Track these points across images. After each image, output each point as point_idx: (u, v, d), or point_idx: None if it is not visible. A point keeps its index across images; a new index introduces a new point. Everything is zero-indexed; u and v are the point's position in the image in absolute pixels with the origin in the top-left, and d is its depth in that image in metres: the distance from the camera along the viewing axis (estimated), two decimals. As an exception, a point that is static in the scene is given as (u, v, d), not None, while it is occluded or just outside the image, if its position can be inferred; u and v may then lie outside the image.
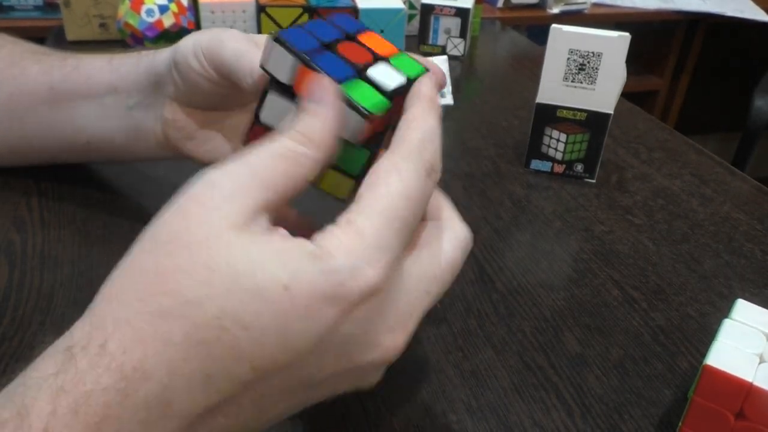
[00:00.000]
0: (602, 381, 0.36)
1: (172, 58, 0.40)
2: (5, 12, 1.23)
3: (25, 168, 0.50)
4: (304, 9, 0.81)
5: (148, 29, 0.78)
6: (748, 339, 0.30)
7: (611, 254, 0.47)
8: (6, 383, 0.34)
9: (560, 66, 0.53)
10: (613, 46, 0.52)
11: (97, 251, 0.43)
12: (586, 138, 0.56)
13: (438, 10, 0.88)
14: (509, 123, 0.69)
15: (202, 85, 0.39)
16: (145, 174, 0.52)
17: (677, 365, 0.38)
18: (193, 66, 0.38)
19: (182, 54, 0.39)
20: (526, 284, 0.44)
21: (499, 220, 0.51)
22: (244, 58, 0.35)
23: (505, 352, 0.38)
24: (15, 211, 0.47)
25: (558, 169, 0.58)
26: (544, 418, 0.34)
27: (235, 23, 0.82)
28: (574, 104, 0.55)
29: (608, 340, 0.39)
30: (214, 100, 0.41)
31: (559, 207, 0.53)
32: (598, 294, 0.43)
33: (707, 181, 0.59)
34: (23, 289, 0.40)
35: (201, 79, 0.38)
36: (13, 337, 0.36)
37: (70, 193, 0.49)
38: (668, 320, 0.41)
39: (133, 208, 0.48)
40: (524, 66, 0.89)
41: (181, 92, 0.41)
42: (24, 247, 0.43)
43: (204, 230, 0.23)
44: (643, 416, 0.34)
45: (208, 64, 0.38)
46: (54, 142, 0.48)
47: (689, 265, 0.47)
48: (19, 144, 0.48)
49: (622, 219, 0.52)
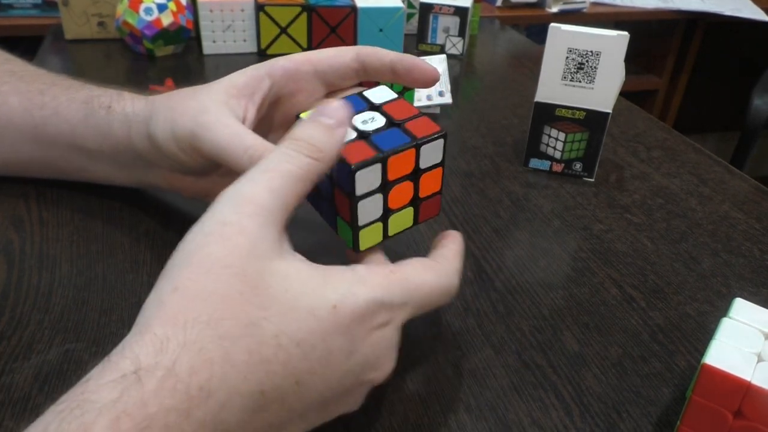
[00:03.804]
0: (601, 380, 0.36)
1: (149, 142, 0.38)
2: (4, 10, 1.23)
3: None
4: (303, 8, 0.81)
5: (147, 28, 0.78)
6: (747, 338, 0.30)
7: (610, 253, 0.47)
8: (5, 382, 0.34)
9: (559, 65, 0.53)
10: (611, 45, 0.52)
11: (95, 250, 0.43)
12: (584, 137, 0.56)
13: (437, 8, 0.88)
14: (508, 122, 0.69)
15: (189, 164, 0.38)
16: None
17: (676, 364, 0.38)
18: (178, 155, 0.37)
19: (163, 142, 0.37)
20: (524, 283, 0.44)
21: (498, 219, 0.51)
22: (232, 145, 0.34)
23: (503, 351, 0.38)
24: (13, 211, 0.47)
25: (557, 167, 0.58)
26: (543, 417, 0.34)
27: (234, 22, 0.81)
28: (572, 103, 0.55)
29: (607, 339, 0.39)
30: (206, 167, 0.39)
31: (557, 206, 0.53)
32: (596, 293, 0.43)
33: (706, 180, 0.59)
34: (22, 288, 0.40)
35: (188, 161, 0.38)
36: (12, 336, 0.36)
37: (69, 192, 0.49)
38: (667, 319, 0.41)
39: (131, 208, 0.48)
40: (523, 65, 0.89)
41: (171, 166, 0.40)
42: (22, 246, 0.43)
43: (257, 263, 0.26)
44: (641, 415, 0.34)
45: (192, 152, 0.36)
46: (52, 172, 0.47)
47: (688, 264, 0.47)
48: (14, 168, 0.48)
49: (620, 218, 0.52)
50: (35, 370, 0.34)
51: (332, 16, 0.83)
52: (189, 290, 0.25)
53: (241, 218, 0.26)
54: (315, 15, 0.82)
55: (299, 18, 0.82)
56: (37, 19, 1.22)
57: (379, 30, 0.85)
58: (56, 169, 0.46)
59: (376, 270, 0.29)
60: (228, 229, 0.26)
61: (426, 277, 0.30)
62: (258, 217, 0.27)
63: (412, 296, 0.29)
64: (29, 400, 0.32)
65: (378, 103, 0.34)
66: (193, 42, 0.86)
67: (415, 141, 0.32)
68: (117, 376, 0.22)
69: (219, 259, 0.25)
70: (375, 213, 0.32)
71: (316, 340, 0.25)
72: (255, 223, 0.26)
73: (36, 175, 0.48)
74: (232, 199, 0.27)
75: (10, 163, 0.47)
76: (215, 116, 0.35)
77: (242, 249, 0.26)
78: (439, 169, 0.34)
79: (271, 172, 0.28)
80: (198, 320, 0.24)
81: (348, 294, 0.27)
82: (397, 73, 0.37)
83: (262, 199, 0.27)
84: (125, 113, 0.40)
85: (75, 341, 0.36)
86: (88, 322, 0.37)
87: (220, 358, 0.23)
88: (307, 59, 0.38)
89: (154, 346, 0.23)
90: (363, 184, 0.31)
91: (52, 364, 0.34)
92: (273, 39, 0.82)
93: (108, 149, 0.42)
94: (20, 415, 0.31)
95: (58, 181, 0.49)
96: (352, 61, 0.37)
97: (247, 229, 0.26)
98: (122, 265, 0.42)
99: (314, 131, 0.29)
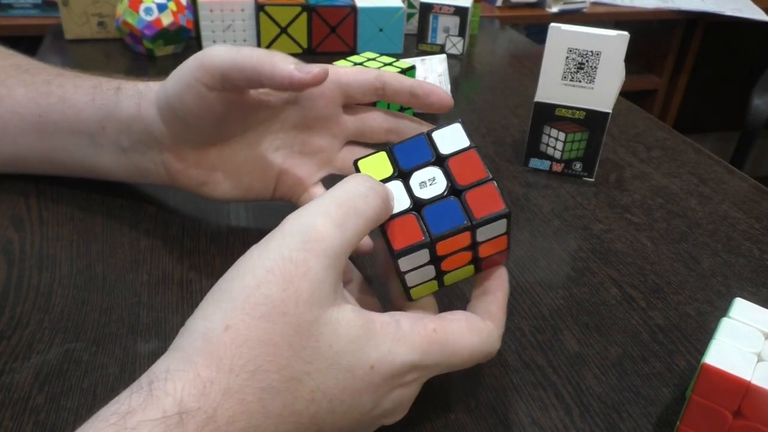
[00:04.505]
0: (601, 380, 0.36)
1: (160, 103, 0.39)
2: (4, 10, 1.23)
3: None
4: (303, 8, 0.81)
5: (147, 28, 0.78)
6: (746, 338, 0.30)
7: (610, 253, 0.47)
8: (5, 382, 0.34)
9: (559, 65, 0.53)
10: (611, 45, 0.52)
11: (95, 250, 0.43)
12: (584, 137, 0.56)
13: (437, 8, 0.88)
14: (508, 122, 0.69)
15: (199, 115, 0.38)
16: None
17: (675, 364, 0.38)
18: (187, 102, 0.37)
19: (173, 92, 0.38)
20: (524, 283, 0.44)
21: (498, 219, 0.50)
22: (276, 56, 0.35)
23: (503, 351, 0.38)
24: (13, 210, 0.47)
25: (557, 167, 0.58)
26: (543, 417, 0.34)
27: (234, 22, 0.81)
28: (572, 103, 0.55)
29: (607, 339, 0.39)
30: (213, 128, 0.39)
31: (557, 206, 0.53)
32: (596, 293, 0.43)
33: (706, 180, 0.59)
34: (21, 287, 0.40)
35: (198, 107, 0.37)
36: (12, 336, 0.36)
37: (69, 192, 0.49)
38: (667, 319, 0.41)
39: (131, 207, 0.48)
40: (523, 65, 0.89)
41: (174, 135, 0.40)
42: (22, 246, 0.43)
43: (314, 311, 0.25)
44: (641, 415, 0.34)
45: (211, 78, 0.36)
46: (51, 167, 0.47)
47: (687, 264, 0.47)
48: (15, 163, 0.48)
49: (620, 218, 0.52)
50: (35, 370, 0.34)
51: (332, 16, 0.83)
52: (240, 334, 0.24)
53: (307, 258, 0.26)
54: (315, 15, 0.82)
55: (299, 18, 0.82)
56: (37, 19, 1.22)
57: (379, 30, 0.85)
58: (56, 162, 0.46)
59: (420, 328, 0.28)
60: (292, 269, 0.25)
61: (468, 342, 0.30)
62: (325, 259, 0.26)
63: (448, 359, 0.29)
64: (29, 400, 0.32)
65: (445, 154, 0.31)
66: (193, 42, 0.86)
67: (470, 222, 0.29)
68: (160, 415, 0.22)
69: (277, 306, 0.25)
70: (427, 276, 0.31)
71: (346, 397, 0.26)
72: (321, 265, 0.26)
73: (35, 170, 0.48)
74: (301, 231, 0.26)
75: (11, 157, 0.47)
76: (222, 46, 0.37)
77: (302, 295, 0.25)
78: (503, 237, 0.31)
79: (345, 208, 0.27)
80: (244, 369, 0.24)
81: (387, 354, 0.27)
82: (416, 96, 0.39)
83: (332, 238, 0.26)
84: (137, 89, 0.41)
85: (75, 341, 0.36)
86: (88, 322, 0.37)
87: (258, 411, 0.24)
88: (334, 70, 0.40)
89: (197, 388, 0.23)
90: (408, 263, 0.29)
91: (52, 364, 0.34)
92: (273, 39, 0.83)
93: (111, 128, 0.42)
94: (20, 415, 0.31)
95: (58, 180, 0.49)
96: (375, 80, 0.39)
97: (312, 271, 0.26)
98: (122, 265, 0.42)
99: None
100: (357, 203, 0.28)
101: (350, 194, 0.28)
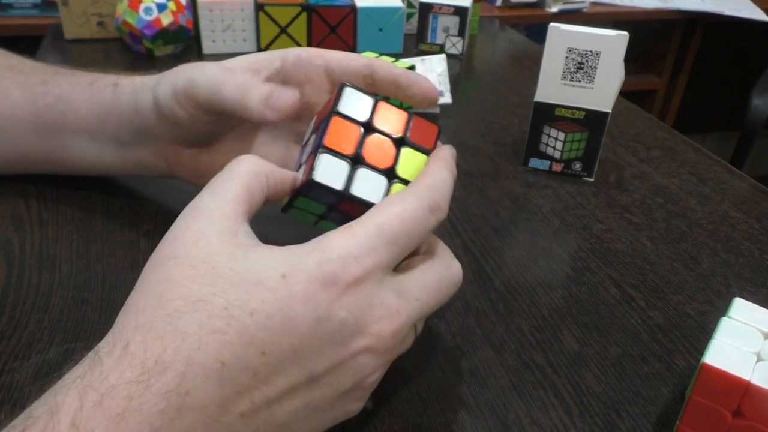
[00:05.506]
0: (600, 379, 0.36)
1: (155, 107, 0.40)
2: (4, 10, 1.23)
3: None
4: (302, 7, 0.81)
5: (146, 27, 0.78)
6: (746, 337, 0.30)
7: (609, 253, 0.47)
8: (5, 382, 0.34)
9: (559, 65, 0.53)
10: (611, 44, 0.52)
11: (95, 250, 0.43)
12: (584, 137, 0.56)
13: (436, 8, 0.88)
14: (508, 121, 0.69)
15: (186, 122, 0.39)
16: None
17: (675, 364, 0.38)
18: (176, 111, 0.38)
19: (164, 100, 0.39)
20: (524, 283, 0.44)
21: (498, 219, 0.51)
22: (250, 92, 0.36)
23: (503, 351, 0.38)
24: (13, 211, 0.47)
25: (556, 167, 0.58)
26: (543, 417, 0.34)
27: (234, 22, 0.81)
28: (572, 103, 0.55)
29: (606, 339, 0.39)
30: (206, 133, 0.41)
31: (557, 205, 0.53)
32: (596, 293, 0.43)
33: (705, 180, 0.59)
34: (21, 288, 0.40)
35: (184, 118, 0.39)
36: (11, 336, 0.36)
37: (69, 192, 0.49)
38: (666, 319, 0.41)
39: (131, 207, 0.48)
40: (523, 65, 0.89)
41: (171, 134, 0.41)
42: (22, 246, 0.43)
43: (202, 249, 0.26)
44: (640, 414, 0.34)
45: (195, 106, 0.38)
46: (52, 166, 0.47)
47: (687, 264, 0.47)
48: (15, 164, 0.48)
49: (620, 218, 0.52)
50: (35, 370, 0.34)
51: (332, 16, 0.83)
52: (140, 286, 0.26)
53: (187, 221, 0.28)
54: (315, 15, 0.82)
55: (299, 18, 0.82)
56: (37, 19, 1.22)
57: (379, 30, 0.85)
58: (56, 160, 0.46)
59: (330, 234, 0.27)
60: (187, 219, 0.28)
61: (400, 209, 0.28)
62: (213, 211, 0.28)
63: (384, 237, 0.27)
64: (29, 400, 0.32)
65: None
66: (192, 42, 0.86)
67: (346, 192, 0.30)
68: (80, 360, 0.25)
69: (172, 250, 0.27)
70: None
71: (271, 309, 0.25)
72: (208, 212, 0.28)
73: (34, 170, 0.48)
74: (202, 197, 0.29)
75: (11, 159, 0.47)
76: (211, 67, 0.38)
77: (189, 240, 0.27)
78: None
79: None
80: (147, 305, 0.25)
81: (298, 262, 0.26)
82: (400, 86, 0.37)
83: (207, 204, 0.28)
84: (134, 85, 0.42)
85: (75, 341, 0.36)
86: (87, 322, 0.37)
87: (170, 333, 0.24)
88: (321, 54, 0.39)
89: (113, 333, 0.25)
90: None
91: (52, 363, 0.34)
92: (273, 39, 0.83)
93: (110, 124, 0.43)
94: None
95: (58, 180, 0.49)
96: (364, 67, 0.38)
97: (199, 223, 0.28)
98: (122, 265, 0.42)
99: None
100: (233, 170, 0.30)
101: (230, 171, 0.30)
